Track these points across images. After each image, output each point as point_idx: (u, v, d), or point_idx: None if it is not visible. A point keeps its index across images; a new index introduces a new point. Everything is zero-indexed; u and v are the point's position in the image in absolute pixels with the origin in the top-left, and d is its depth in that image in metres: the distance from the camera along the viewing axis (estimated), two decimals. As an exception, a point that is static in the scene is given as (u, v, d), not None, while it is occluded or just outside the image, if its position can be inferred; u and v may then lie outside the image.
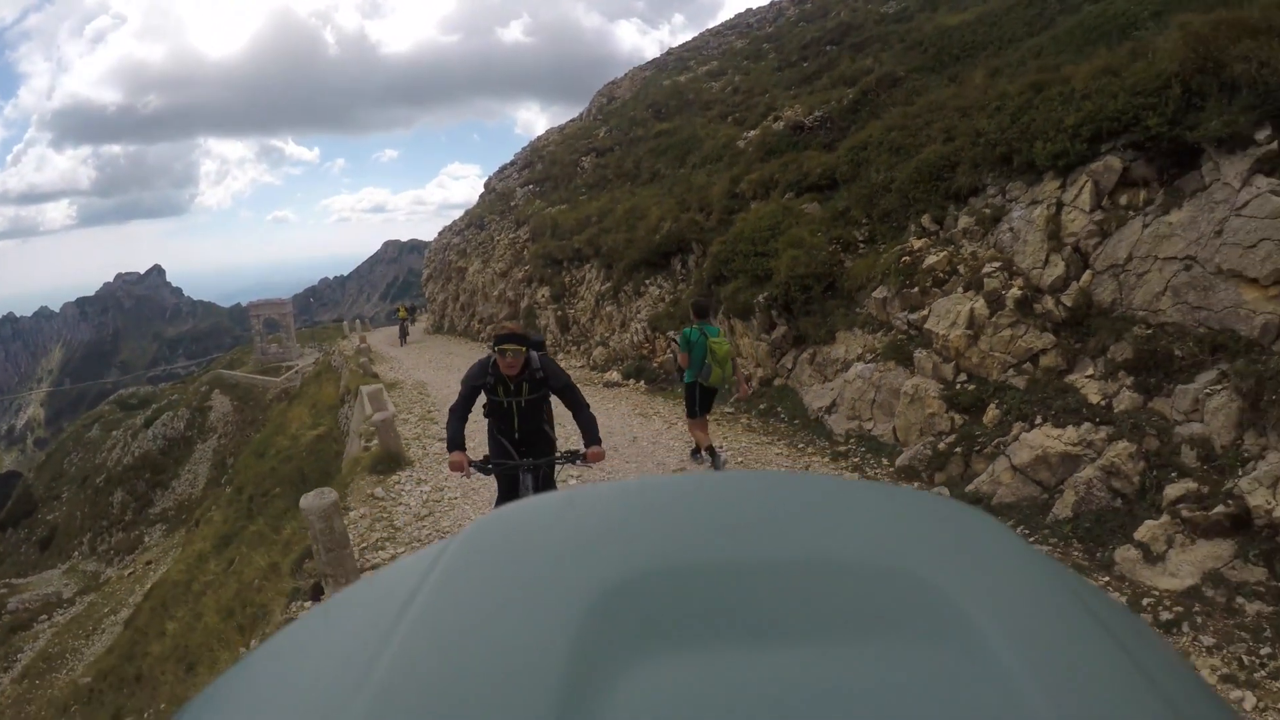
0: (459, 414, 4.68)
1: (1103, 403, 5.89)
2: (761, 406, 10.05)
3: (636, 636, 0.49)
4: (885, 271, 8.61)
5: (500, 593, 0.57)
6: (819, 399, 9.02)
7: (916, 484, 6.85)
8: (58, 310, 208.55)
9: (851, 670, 0.48)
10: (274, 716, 0.53)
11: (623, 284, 15.66)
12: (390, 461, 9.30)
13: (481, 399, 4.78)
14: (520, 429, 4.74)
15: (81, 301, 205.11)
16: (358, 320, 50.98)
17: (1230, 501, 4.70)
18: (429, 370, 19.21)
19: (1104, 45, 8.93)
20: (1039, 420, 6.13)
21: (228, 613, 9.86)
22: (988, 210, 7.84)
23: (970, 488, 6.33)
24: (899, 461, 7.27)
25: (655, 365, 13.59)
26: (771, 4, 33.29)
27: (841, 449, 8.08)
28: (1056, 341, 6.45)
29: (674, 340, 10.95)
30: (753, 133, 16.75)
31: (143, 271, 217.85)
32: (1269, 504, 4.49)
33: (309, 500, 5.76)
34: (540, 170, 28.12)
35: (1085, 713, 0.46)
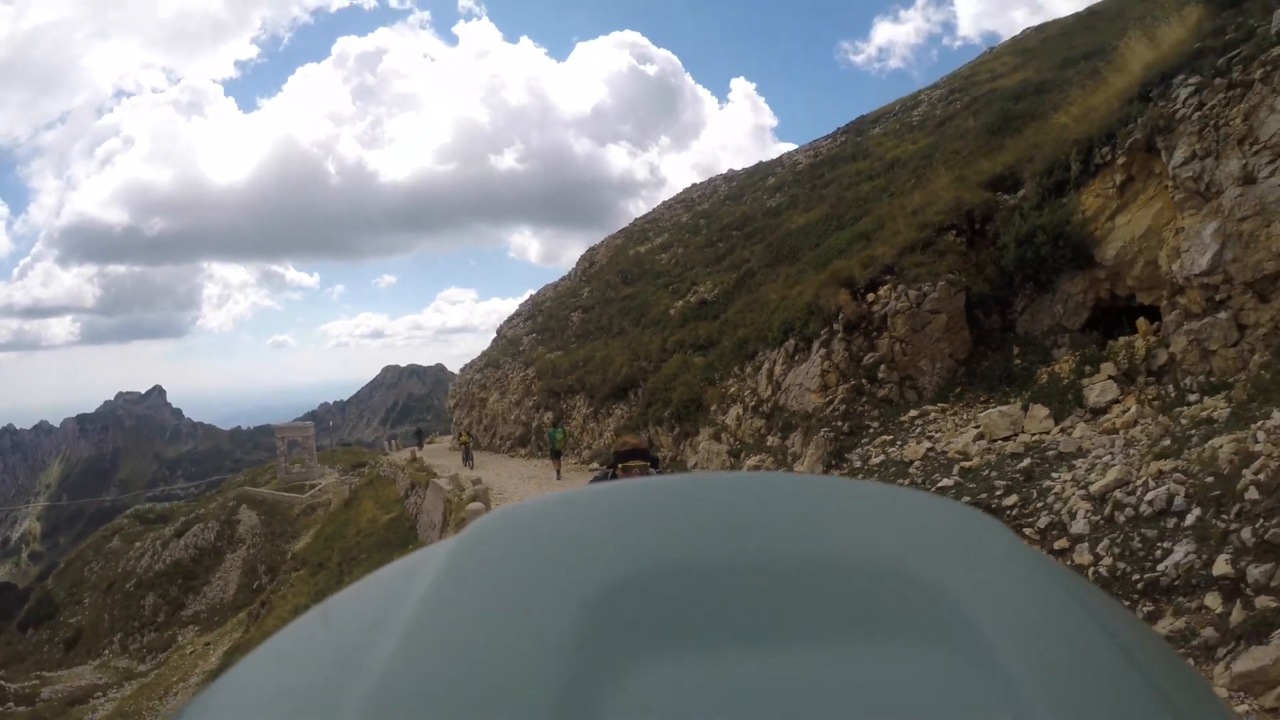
0: None
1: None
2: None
3: (636, 636, 0.50)
4: (718, 397, 17.05)
5: (500, 592, 0.58)
6: (692, 465, 17.32)
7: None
8: (58, 425, 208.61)
9: (851, 671, 0.48)
10: (274, 717, 0.55)
11: (599, 408, 24.14)
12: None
13: None
14: None
15: (82, 418, 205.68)
16: (392, 439, 58.29)
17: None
18: (497, 477, 25.78)
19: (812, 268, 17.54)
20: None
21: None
22: (754, 366, 16.31)
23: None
24: None
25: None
26: (709, 181, 43.17)
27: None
28: (766, 429, 14.79)
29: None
30: (680, 302, 25.54)
31: (143, 391, 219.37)
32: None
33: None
34: (540, 322, 37.15)
35: (1085, 713, 0.47)
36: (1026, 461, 8.35)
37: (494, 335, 43.55)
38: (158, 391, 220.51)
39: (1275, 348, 8.53)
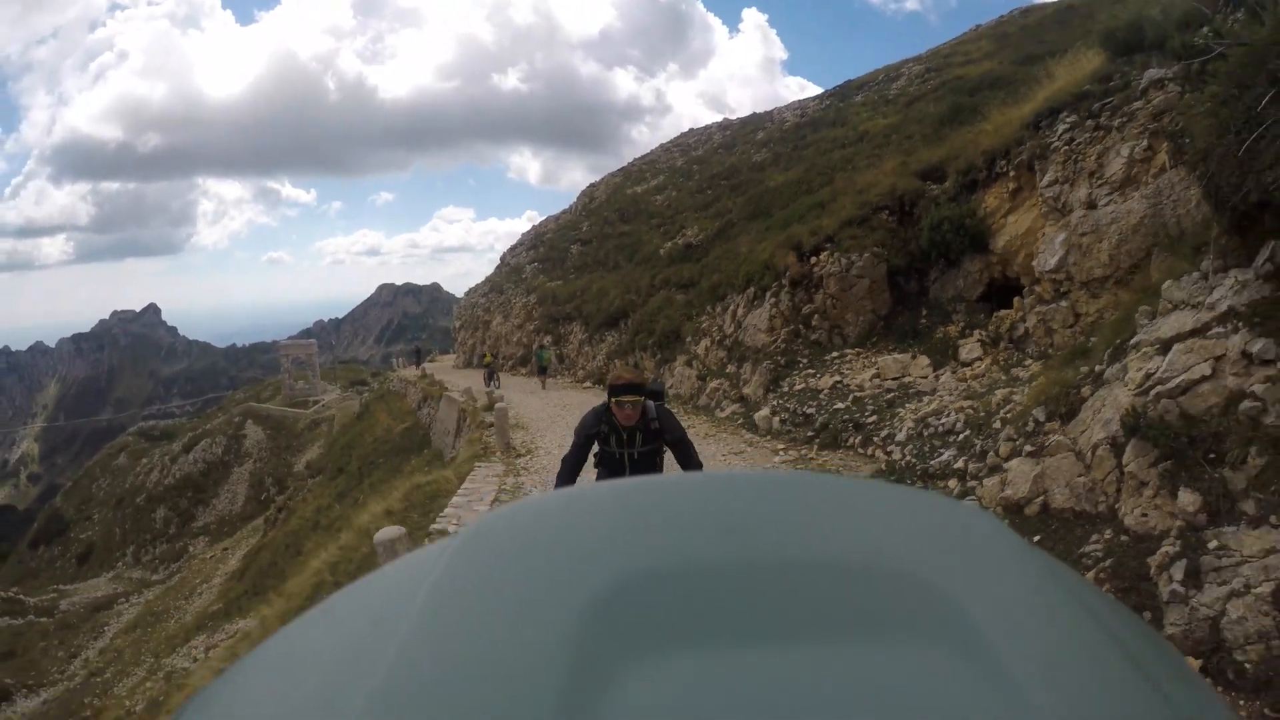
0: (572, 463, 4.67)
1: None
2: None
3: (637, 636, 0.50)
4: (693, 330, 20.46)
5: (501, 592, 0.58)
6: (669, 385, 20.82)
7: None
8: (53, 345, 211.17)
9: (852, 670, 0.48)
10: (274, 716, 0.55)
11: (593, 335, 27.57)
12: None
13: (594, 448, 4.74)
14: None
15: (77, 338, 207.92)
16: (401, 358, 61.05)
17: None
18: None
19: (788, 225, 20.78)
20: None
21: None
22: (723, 307, 19.67)
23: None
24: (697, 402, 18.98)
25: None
26: (705, 128, 45.98)
27: (681, 405, 19.78)
28: (727, 359, 18.20)
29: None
30: (669, 244, 28.76)
31: (139, 310, 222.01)
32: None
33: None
34: (542, 252, 40.35)
35: (1085, 712, 0.47)
36: (893, 394, 11.92)
37: (494, 258, 46.82)
38: (153, 310, 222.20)
39: (1092, 332, 11.84)
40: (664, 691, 0.46)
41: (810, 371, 14.64)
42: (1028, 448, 6.97)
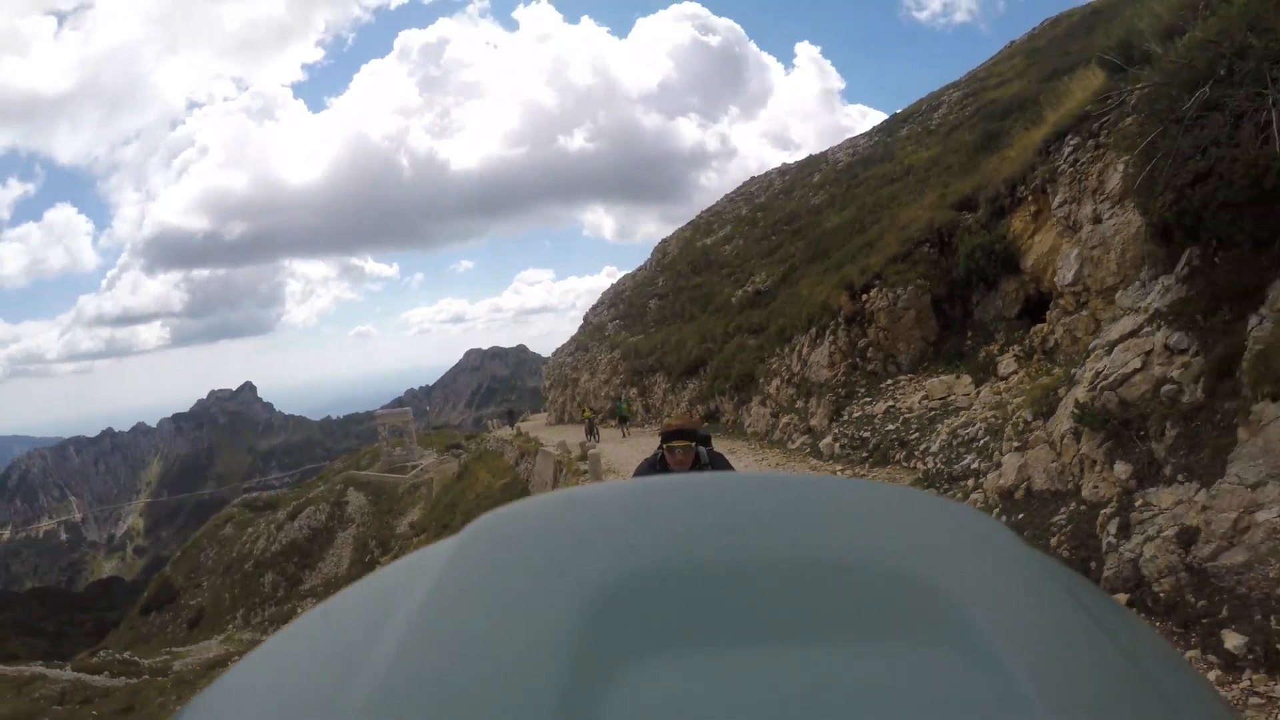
0: None
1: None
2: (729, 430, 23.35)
3: (637, 636, 0.50)
4: (765, 372, 21.95)
5: (502, 592, 0.58)
6: (746, 425, 22.28)
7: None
8: (154, 426, 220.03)
9: (851, 671, 0.48)
10: (274, 716, 0.55)
11: (676, 384, 29.29)
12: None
13: None
14: None
15: (177, 417, 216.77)
16: (495, 420, 63.65)
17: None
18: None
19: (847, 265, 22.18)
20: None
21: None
22: (790, 348, 21.10)
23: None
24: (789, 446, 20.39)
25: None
26: (765, 174, 47.88)
27: (758, 441, 21.22)
28: (795, 395, 19.62)
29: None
30: (740, 292, 30.41)
31: (235, 388, 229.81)
32: (821, 430, 17.69)
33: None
34: (622, 309, 42.54)
35: (1085, 712, 0.47)
36: (935, 412, 13.21)
37: (576, 315, 49.31)
38: (248, 387, 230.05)
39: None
40: (665, 691, 0.46)
41: (867, 400, 15.98)
42: (1016, 444, 8.33)
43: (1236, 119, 5.89)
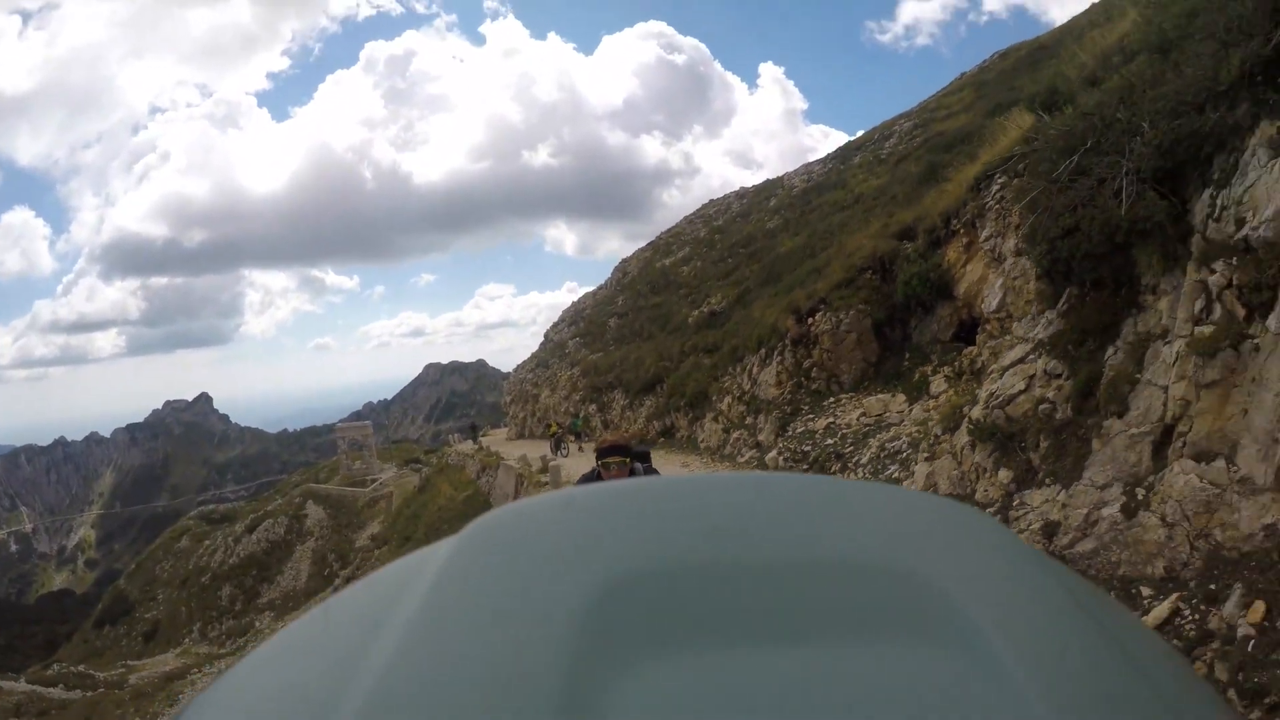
0: None
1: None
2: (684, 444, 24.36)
3: (636, 637, 0.50)
4: (718, 390, 23.03)
5: (500, 593, 0.58)
6: (700, 440, 23.32)
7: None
8: (108, 435, 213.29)
9: (850, 670, 0.48)
10: (274, 716, 0.55)
11: (633, 400, 30.28)
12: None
13: None
14: None
15: (132, 427, 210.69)
16: (456, 434, 64.03)
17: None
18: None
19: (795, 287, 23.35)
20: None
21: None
22: (741, 368, 22.21)
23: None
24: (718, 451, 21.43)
25: (652, 440, 28.01)
26: (724, 197, 49.36)
27: (710, 456, 22.24)
28: (745, 412, 20.72)
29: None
30: (696, 312, 31.53)
31: (191, 399, 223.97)
32: (768, 445, 18.76)
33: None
34: (582, 327, 43.52)
35: (1083, 710, 0.47)
36: (870, 428, 14.33)
37: (537, 330, 50.26)
38: (205, 398, 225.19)
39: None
40: (664, 692, 0.46)
41: (810, 416, 17.09)
42: (927, 455, 9.44)
43: (1099, 182, 7.05)
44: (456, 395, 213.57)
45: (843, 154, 39.55)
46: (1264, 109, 5.54)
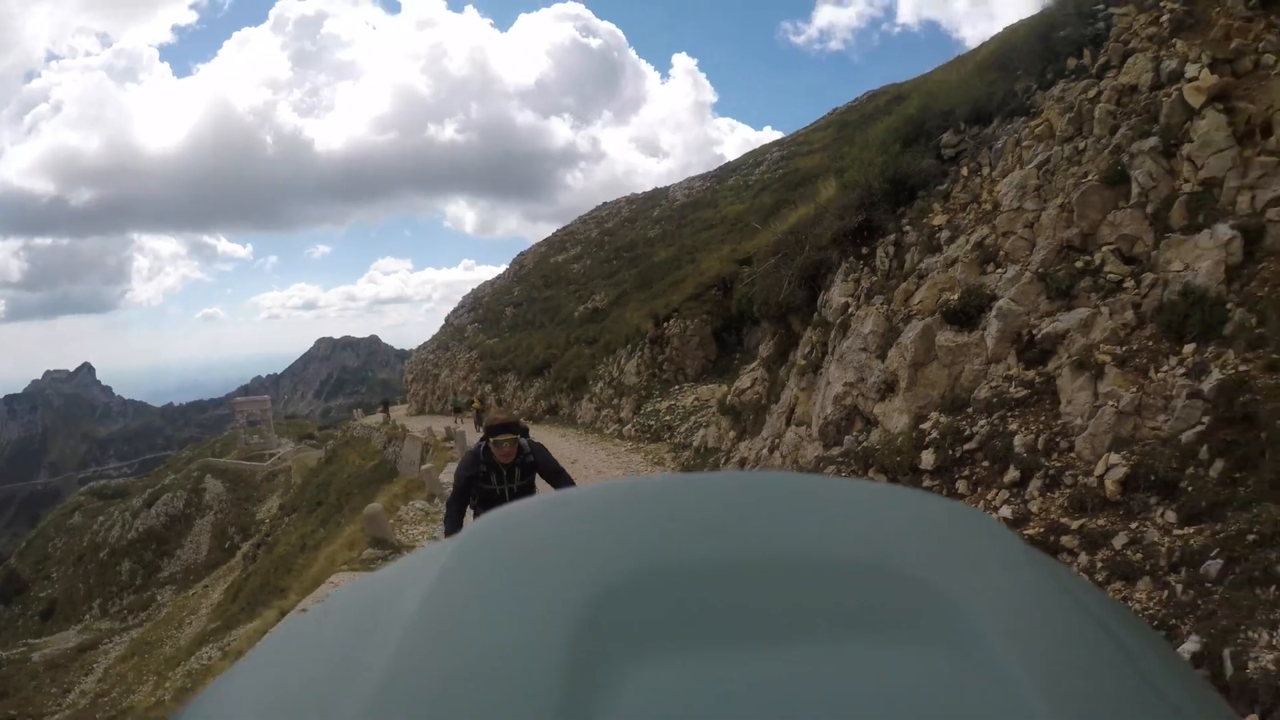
0: (458, 505, 4.99)
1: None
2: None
3: (635, 636, 0.50)
4: (594, 376, 28.21)
5: (499, 593, 0.58)
6: (578, 417, 28.48)
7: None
8: None
9: (849, 669, 0.49)
10: (273, 717, 0.55)
11: (524, 382, 35.24)
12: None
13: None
14: None
15: (9, 399, 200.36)
16: (359, 410, 67.11)
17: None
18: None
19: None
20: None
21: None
22: (612, 359, 27.42)
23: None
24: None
25: (539, 417, 33.00)
26: (615, 201, 54.58)
27: (585, 430, 27.40)
28: (613, 395, 26.04)
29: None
30: (581, 307, 36.63)
31: (72, 369, 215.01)
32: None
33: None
34: (481, 314, 48.14)
35: (1082, 709, 0.48)
36: (695, 408, 19.79)
37: (432, 307, 58.23)
38: (87, 369, 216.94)
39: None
40: (663, 692, 0.46)
41: (659, 399, 22.51)
42: (706, 424, 14.93)
43: (781, 275, 12.51)
44: (348, 371, 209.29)
45: (719, 175, 45.13)
46: (843, 254, 11.03)
